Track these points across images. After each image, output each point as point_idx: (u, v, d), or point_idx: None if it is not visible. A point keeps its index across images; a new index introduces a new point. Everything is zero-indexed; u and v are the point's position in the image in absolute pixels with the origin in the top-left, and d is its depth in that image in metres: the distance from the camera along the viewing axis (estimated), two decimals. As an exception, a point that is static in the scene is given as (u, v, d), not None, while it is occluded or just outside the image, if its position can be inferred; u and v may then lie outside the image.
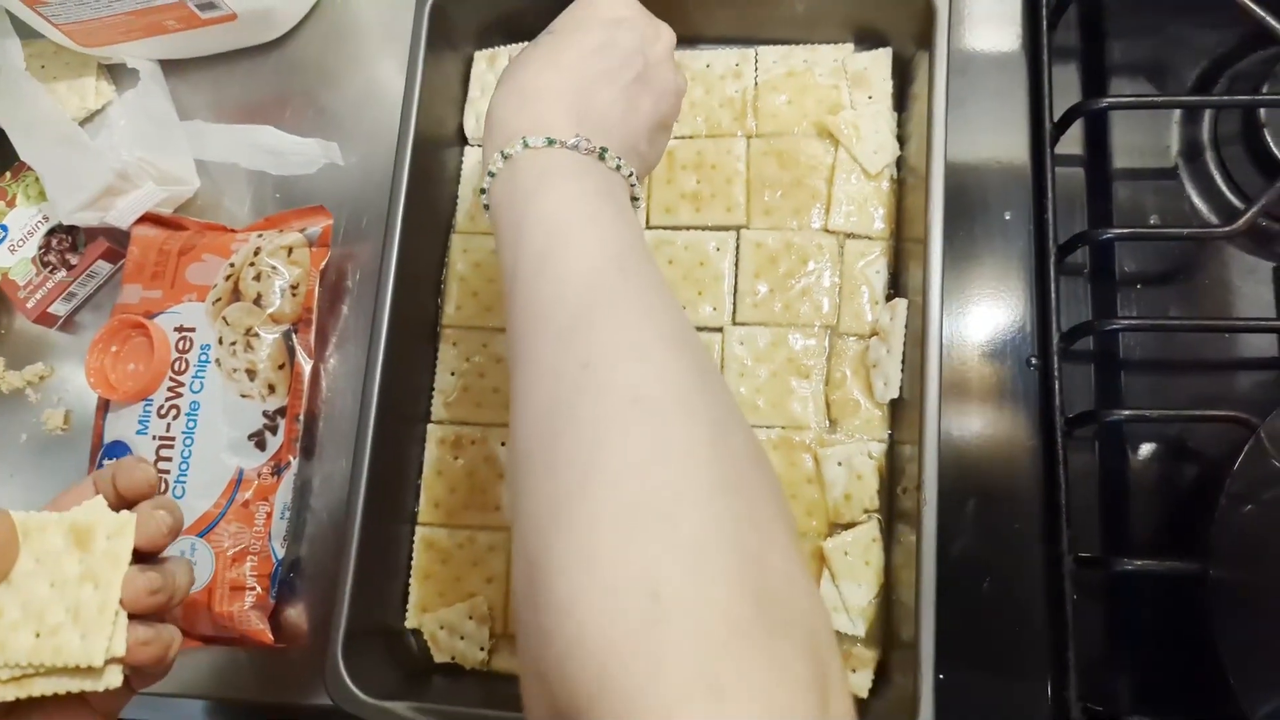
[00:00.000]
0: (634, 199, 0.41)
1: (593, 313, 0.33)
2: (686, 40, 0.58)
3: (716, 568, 0.27)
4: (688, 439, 0.30)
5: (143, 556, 0.38)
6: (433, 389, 0.56)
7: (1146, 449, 0.53)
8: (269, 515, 0.54)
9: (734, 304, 0.55)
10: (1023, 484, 0.53)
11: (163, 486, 0.53)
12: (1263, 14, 0.53)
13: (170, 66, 0.63)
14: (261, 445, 0.54)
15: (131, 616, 0.36)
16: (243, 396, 0.54)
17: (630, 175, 0.40)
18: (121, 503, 0.39)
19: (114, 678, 0.36)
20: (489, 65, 0.60)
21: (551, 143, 0.38)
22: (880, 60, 0.56)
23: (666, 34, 0.45)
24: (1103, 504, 0.53)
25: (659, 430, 0.30)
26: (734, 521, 0.29)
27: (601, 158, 0.39)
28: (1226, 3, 0.53)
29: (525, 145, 0.38)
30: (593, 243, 0.36)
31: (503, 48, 0.60)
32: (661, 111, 0.43)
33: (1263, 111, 0.53)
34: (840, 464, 0.52)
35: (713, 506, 0.29)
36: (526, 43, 0.58)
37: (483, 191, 0.40)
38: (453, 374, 0.56)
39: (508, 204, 0.38)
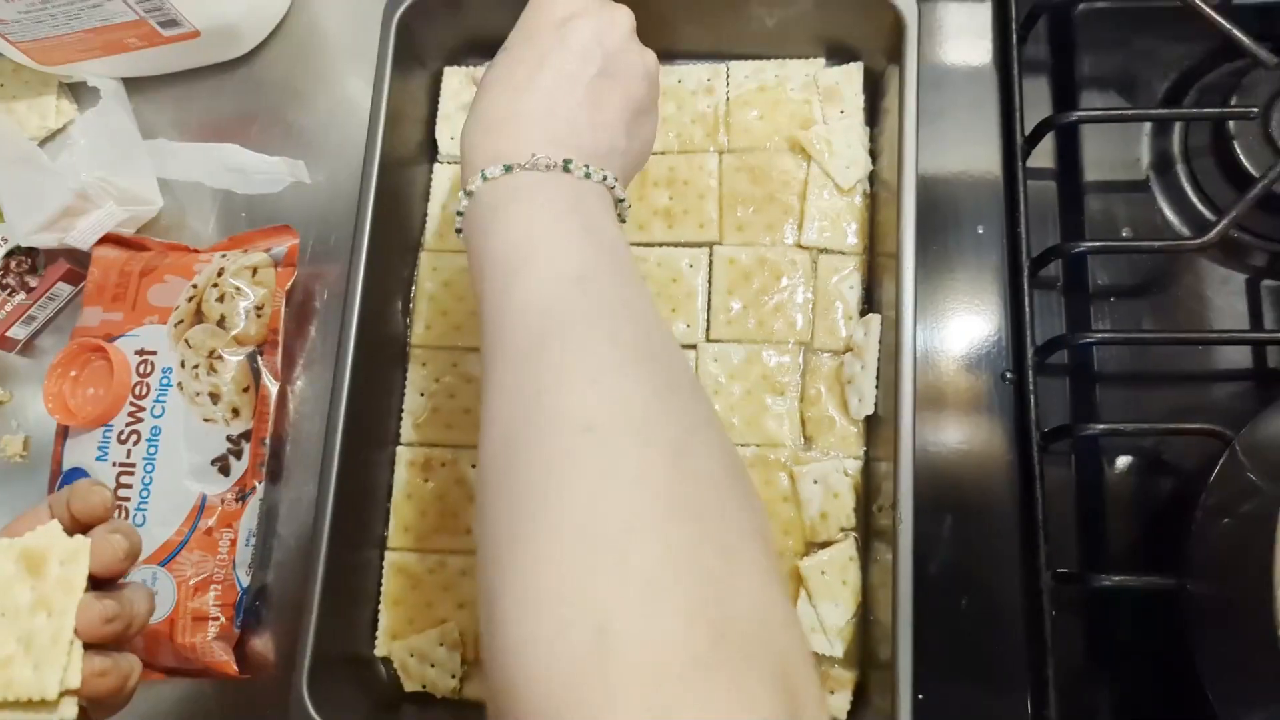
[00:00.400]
0: (618, 201, 0.40)
1: (547, 338, 0.33)
2: (659, 56, 0.58)
3: (669, 598, 0.27)
4: (640, 465, 0.29)
5: (100, 584, 0.37)
6: (402, 410, 0.55)
7: (1123, 462, 0.53)
8: (233, 542, 0.52)
9: (707, 321, 0.54)
10: (999, 499, 0.52)
11: (122, 513, 0.52)
12: (1229, 27, 0.53)
13: (133, 84, 0.62)
14: (225, 470, 0.53)
15: (88, 646, 0.35)
16: (206, 421, 0.53)
17: (605, 179, 0.39)
18: (77, 527, 0.38)
19: (69, 710, 0.34)
20: (465, 81, 0.59)
21: (509, 169, 0.38)
22: (852, 75, 0.56)
23: (623, 18, 0.43)
24: (1080, 519, 0.52)
25: (610, 458, 0.30)
26: (691, 548, 0.28)
27: (567, 169, 0.38)
28: (1194, 16, 0.53)
29: (484, 178, 0.38)
30: (555, 262, 0.35)
31: (479, 68, 0.59)
32: (634, 98, 0.42)
33: (1232, 124, 0.53)
34: (816, 482, 0.51)
35: (666, 534, 0.28)
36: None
37: (458, 231, 0.40)
38: (422, 395, 0.55)
39: (474, 236, 0.38)
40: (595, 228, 0.37)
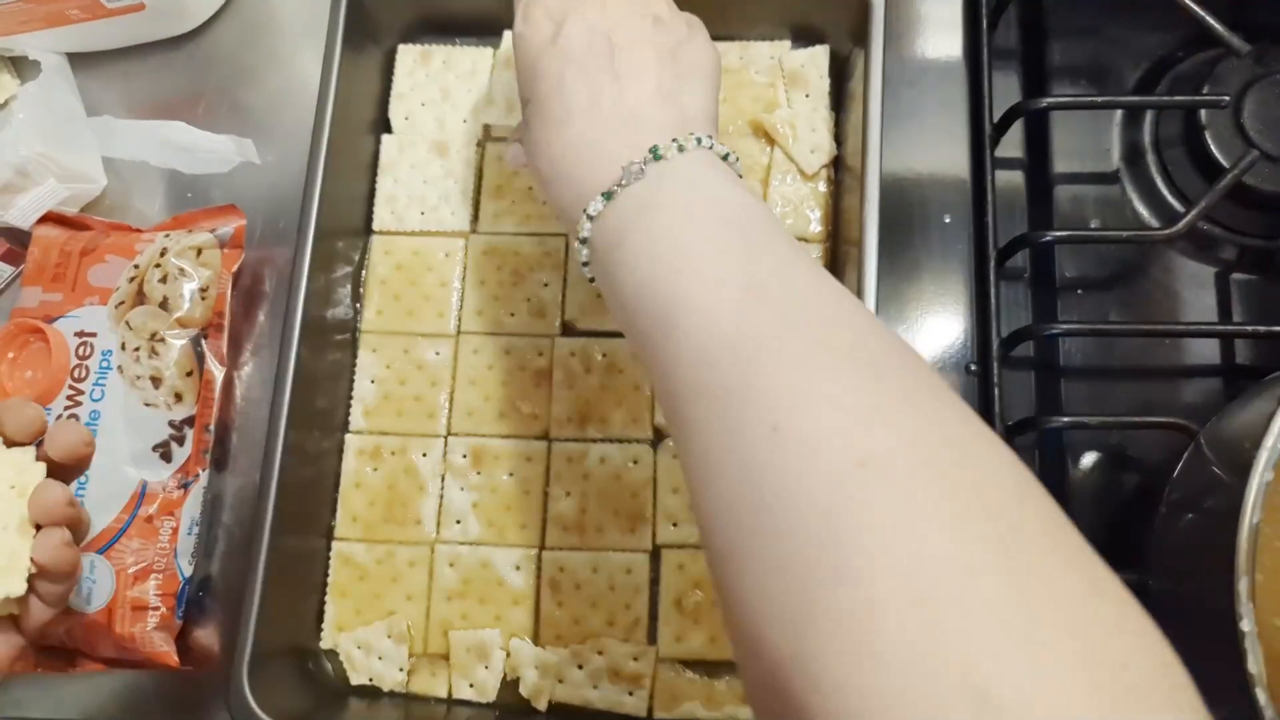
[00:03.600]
0: (724, 157, 0.36)
1: (752, 366, 0.28)
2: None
3: (1044, 650, 0.22)
4: (941, 494, 0.25)
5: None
6: (351, 397, 0.53)
7: (1088, 456, 0.52)
8: (175, 531, 0.51)
9: (666, 308, 0.53)
10: (962, 494, 0.51)
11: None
12: (1203, 14, 0.52)
13: (79, 60, 0.60)
14: (167, 457, 0.51)
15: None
16: (147, 405, 0.51)
17: (699, 141, 0.36)
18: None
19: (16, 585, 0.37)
20: (419, 59, 0.57)
21: (608, 196, 0.35)
22: (817, 58, 0.54)
23: None
24: (1043, 514, 0.51)
25: (903, 493, 0.25)
26: (1041, 584, 0.24)
27: (657, 158, 0.35)
28: (1168, 4, 0.52)
29: (589, 218, 0.35)
30: (710, 278, 0.31)
31: (436, 46, 0.58)
32: (662, 51, 0.38)
33: (1203, 113, 0.52)
34: (775, 474, 0.50)
35: (1010, 570, 0.24)
36: (457, 39, 0.58)
37: (591, 281, 0.38)
38: (372, 381, 0.53)
39: (608, 284, 0.35)
40: (726, 210, 0.34)
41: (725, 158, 0.37)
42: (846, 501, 0.25)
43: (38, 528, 0.39)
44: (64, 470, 0.41)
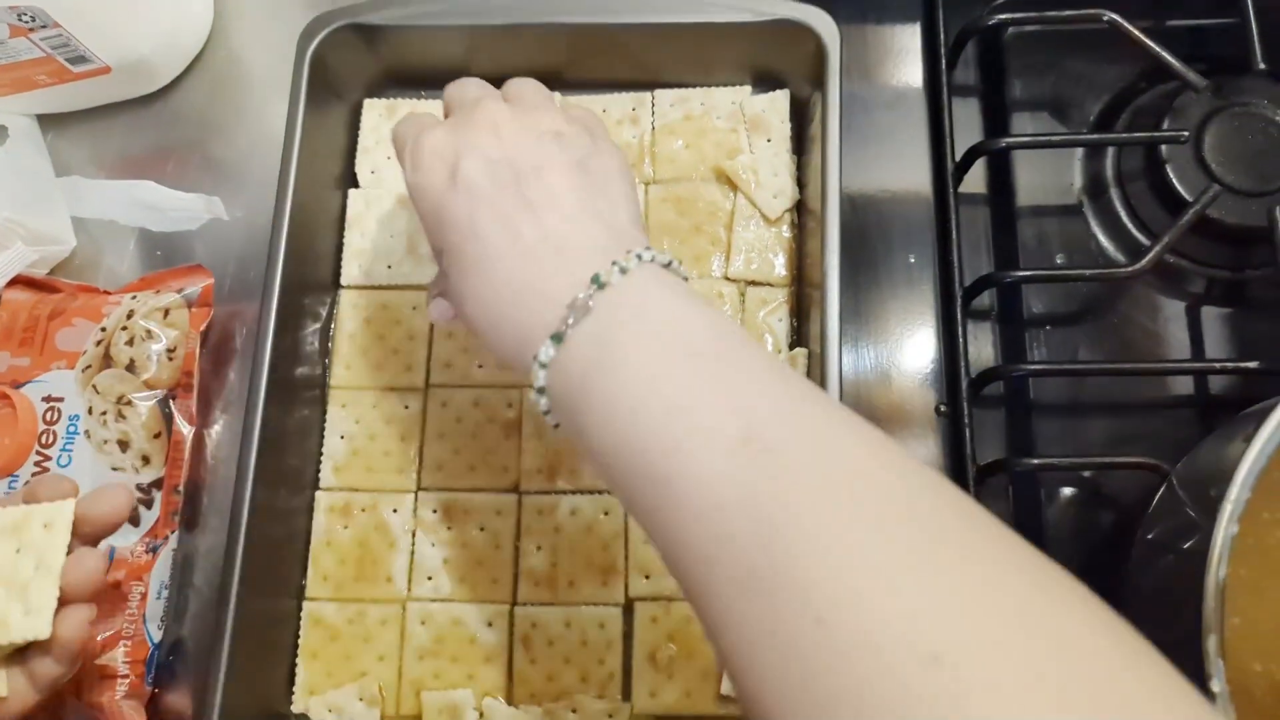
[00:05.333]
0: (666, 266, 0.34)
1: (774, 539, 0.25)
2: (582, 86, 0.57)
3: None
4: (1032, 682, 0.22)
5: None
6: (321, 454, 0.53)
7: (1062, 495, 0.52)
8: (144, 595, 0.50)
9: (634, 356, 0.52)
10: (936, 536, 0.51)
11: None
12: (1158, 50, 0.52)
13: (49, 120, 0.60)
14: (135, 521, 0.51)
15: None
16: (114, 470, 0.51)
17: (642, 257, 0.33)
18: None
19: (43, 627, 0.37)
20: (385, 114, 0.58)
21: (558, 339, 0.32)
22: (778, 102, 0.55)
23: (485, 116, 0.37)
24: (1019, 554, 0.51)
25: (993, 691, 0.22)
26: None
27: (600, 287, 0.32)
28: (1124, 39, 0.53)
29: (541, 365, 0.32)
30: (695, 430, 0.28)
31: (402, 100, 0.58)
32: (569, 163, 0.36)
33: (1164, 147, 0.52)
34: (746, 522, 0.49)
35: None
36: (423, 92, 0.58)
37: (555, 424, 0.34)
38: (342, 437, 0.53)
39: (577, 438, 0.32)
40: (691, 334, 0.31)
41: (669, 266, 0.34)
42: (929, 707, 0.22)
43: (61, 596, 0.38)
44: (91, 538, 0.40)
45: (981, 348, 0.53)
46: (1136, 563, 0.46)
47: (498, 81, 0.56)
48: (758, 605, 0.25)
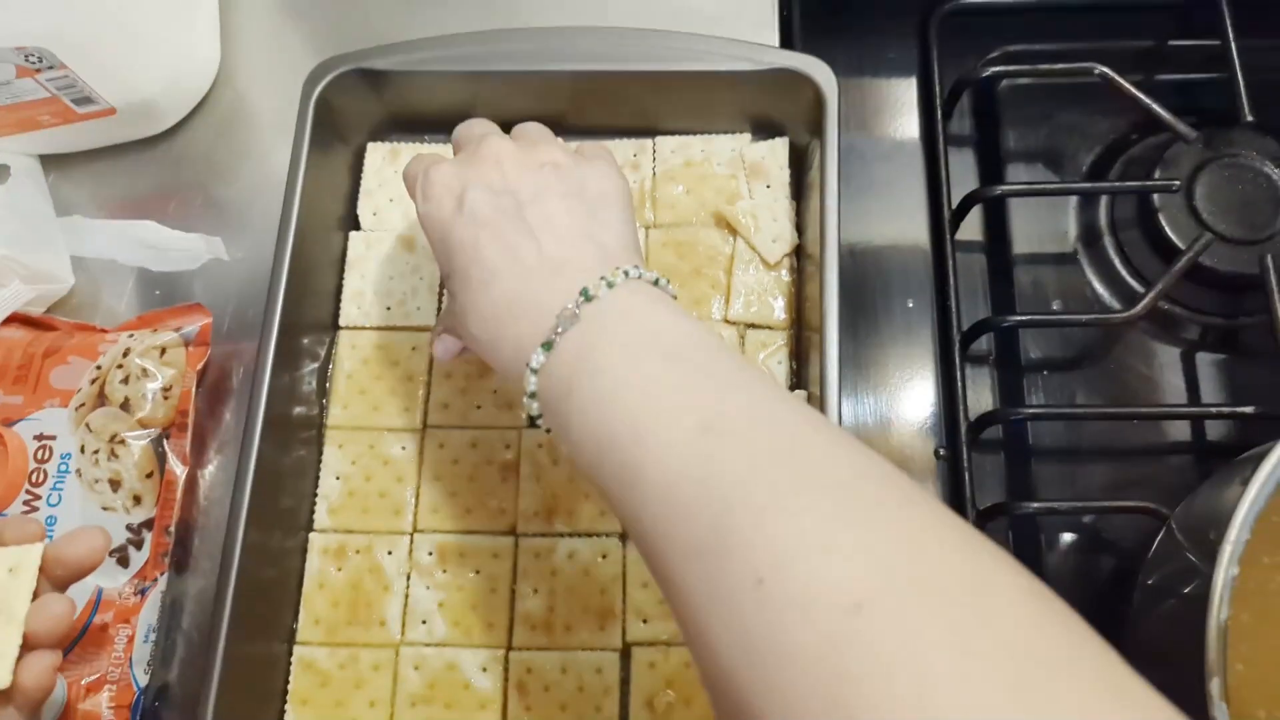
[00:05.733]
0: (655, 283, 0.36)
1: (724, 511, 0.27)
2: (584, 132, 0.57)
3: None
4: (948, 625, 0.24)
5: None
6: (316, 495, 0.53)
7: (1062, 540, 0.52)
8: (130, 639, 0.49)
9: (633, 398, 0.52)
10: (936, 582, 0.50)
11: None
12: (1149, 102, 0.53)
13: (52, 161, 0.61)
14: (124, 562, 0.50)
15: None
16: (105, 510, 0.50)
17: (630, 273, 0.35)
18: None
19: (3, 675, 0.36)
20: (388, 157, 0.58)
21: (547, 346, 0.35)
22: (777, 150, 0.55)
23: (491, 150, 0.40)
24: (1020, 600, 0.50)
25: (906, 629, 0.24)
26: (1058, 702, 0.23)
27: (588, 299, 0.35)
28: (1116, 92, 0.54)
29: (533, 371, 0.35)
30: (662, 421, 0.30)
31: (404, 144, 0.58)
32: (569, 193, 0.38)
33: (1156, 196, 0.53)
34: (746, 566, 0.49)
35: (1073, 680, 0.23)
36: (425, 136, 0.59)
37: (547, 430, 0.36)
38: (337, 478, 0.53)
39: (564, 438, 0.35)
40: (668, 341, 0.33)
41: (656, 283, 0.36)
42: (844, 653, 0.24)
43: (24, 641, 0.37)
44: (65, 581, 0.40)
45: (980, 393, 0.53)
46: (1138, 608, 0.46)
47: (504, 128, 0.57)
48: (708, 569, 0.27)
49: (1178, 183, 0.52)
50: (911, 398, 0.54)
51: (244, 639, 0.47)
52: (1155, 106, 0.53)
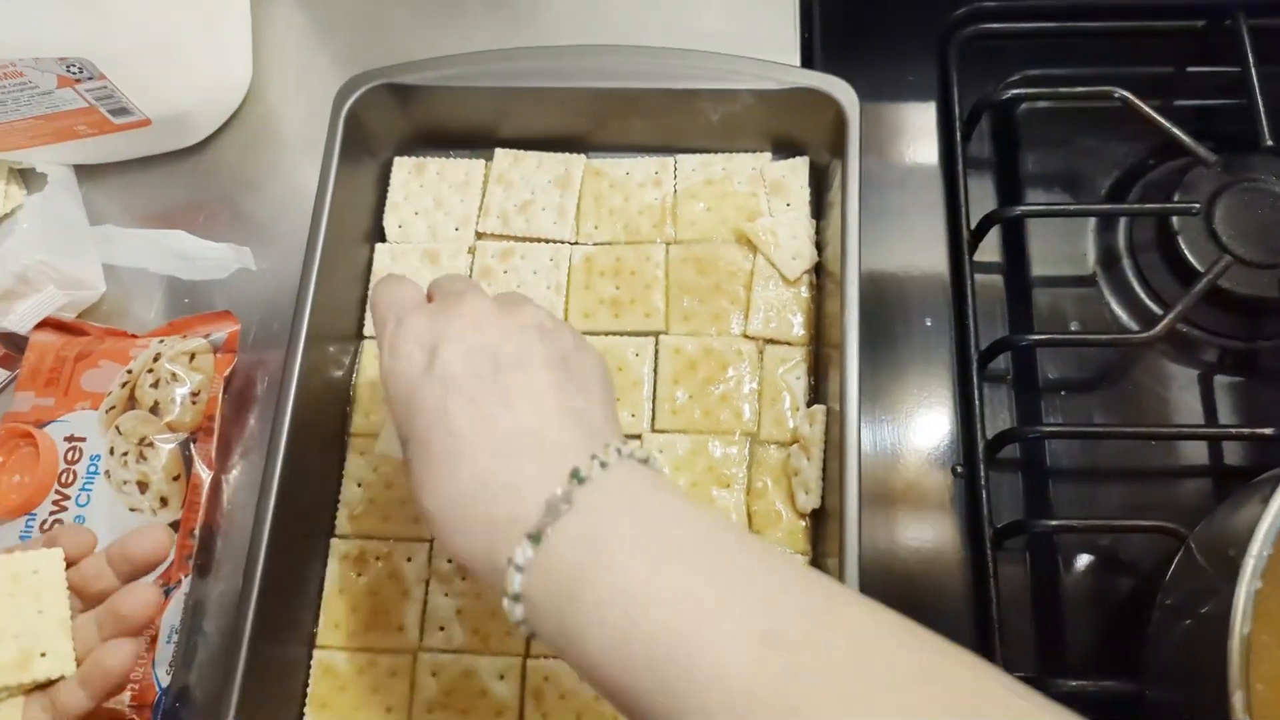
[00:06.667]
0: (644, 462, 0.33)
1: None
2: (606, 148, 0.58)
3: None
4: None
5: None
6: (338, 501, 0.53)
7: (1079, 560, 0.52)
8: (153, 639, 0.50)
9: (653, 410, 0.53)
10: (952, 598, 0.51)
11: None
12: (1169, 126, 0.54)
13: (85, 171, 0.62)
14: (149, 563, 0.51)
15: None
16: (131, 510, 0.51)
17: (622, 452, 0.32)
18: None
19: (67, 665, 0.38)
20: (414, 171, 0.59)
21: (535, 539, 0.30)
22: (797, 169, 0.56)
23: (469, 306, 0.36)
24: (1036, 619, 0.51)
25: None
26: None
27: (580, 481, 0.31)
28: (1135, 116, 0.54)
29: (518, 569, 0.30)
30: (720, 625, 0.27)
31: (430, 158, 0.59)
32: (549, 361, 0.35)
33: (1175, 219, 0.54)
34: (762, 579, 0.49)
35: None
36: (451, 151, 0.60)
37: (520, 623, 0.32)
38: (359, 485, 0.53)
39: (557, 629, 0.30)
40: (684, 531, 0.30)
41: (646, 461, 0.33)
42: None
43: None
44: (130, 576, 0.41)
45: (998, 413, 0.54)
46: (1156, 628, 0.46)
47: (528, 144, 0.58)
48: None
49: (1197, 206, 0.53)
50: (929, 415, 0.54)
51: (265, 642, 0.47)
52: (1175, 130, 0.53)
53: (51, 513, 0.51)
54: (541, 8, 0.65)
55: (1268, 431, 0.50)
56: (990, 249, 0.57)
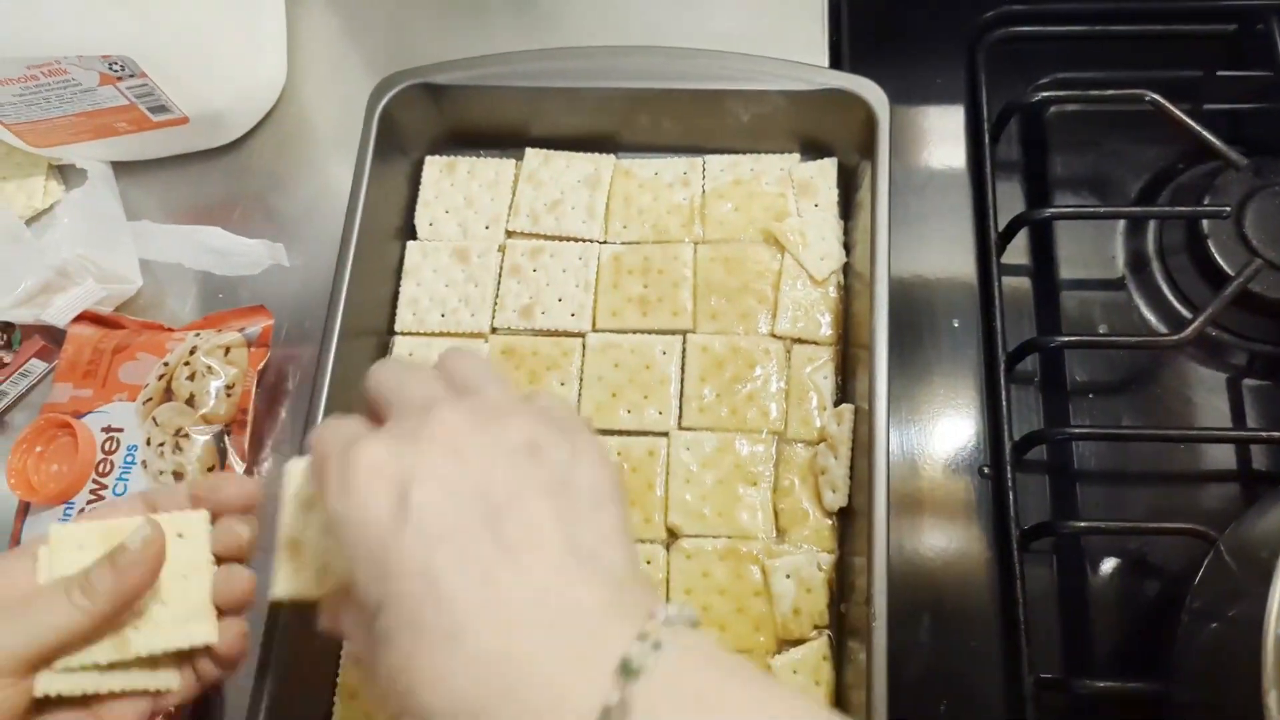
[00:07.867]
0: (692, 625, 0.27)
1: None
2: (635, 148, 0.59)
3: None
4: None
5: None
6: (368, 495, 0.54)
7: (1106, 563, 0.52)
8: (186, 628, 0.51)
9: (680, 408, 0.53)
10: (979, 599, 0.51)
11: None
12: (1200, 129, 0.54)
13: (122, 167, 0.63)
14: (183, 553, 0.51)
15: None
16: (166, 500, 0.52)
17: (670, 618, 0.27)
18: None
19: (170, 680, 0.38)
20: (445, 170, 0.60)
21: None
22: (826, 169, 0.57)
23: (440, 424, 0.30)
24: (1063, 621, 0.50)
25: None
26: None
27: (632, 673, 0.25)
28: (1165, 119, 0.54)
29: None
30: None
31: (461, 158, 0.60)
32: (566, 491, 0.29)
33: (1205, 223, 0.53)
34: (789, 576, 0.49)
35: None
36: (482, 151, 0.60)
37: None
38: (389, 479, 0.54)
39: None
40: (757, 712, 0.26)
41: (693, 623, 0.27)
42: None
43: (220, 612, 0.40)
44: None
45: (1025, 414, 0.54)
46: (1185, 631, 0.45)
47: (558, 144, 0.59)
48: None
49: (1228, 209, 0.53)
50: (956, 417, 0.54)
51: (296, 631, 0.48)
52: (1206, 134, 0.53)
53: (89, 501, 0.52)
54: (566, 9, 0.66)
55: (1298, 435, 0.49)
56: (1018, 251, 0.57)
